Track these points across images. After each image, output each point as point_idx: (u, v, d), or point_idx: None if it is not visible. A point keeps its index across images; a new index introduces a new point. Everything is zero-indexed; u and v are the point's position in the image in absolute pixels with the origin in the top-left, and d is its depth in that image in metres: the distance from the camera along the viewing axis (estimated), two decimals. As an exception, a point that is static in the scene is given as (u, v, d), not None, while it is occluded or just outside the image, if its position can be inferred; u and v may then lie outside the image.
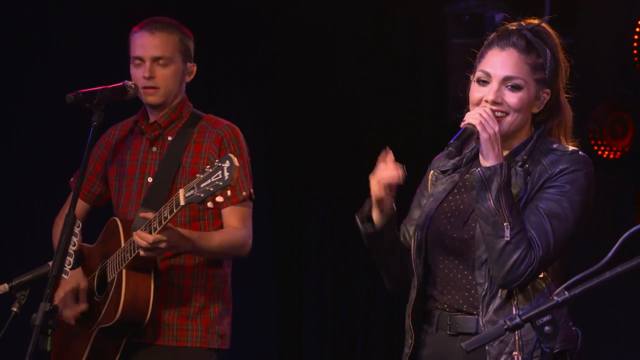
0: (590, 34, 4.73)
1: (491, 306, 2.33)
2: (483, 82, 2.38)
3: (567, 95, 2.47)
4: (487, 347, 2.28)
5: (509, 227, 2.25)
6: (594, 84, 4.83)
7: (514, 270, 2.25)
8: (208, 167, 2.81)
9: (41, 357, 2.79)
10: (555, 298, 1.91)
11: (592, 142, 4.66)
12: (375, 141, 4.88)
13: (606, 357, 4.51)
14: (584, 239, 2.45)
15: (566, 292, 1.91)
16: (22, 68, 4.81)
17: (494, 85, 2.35)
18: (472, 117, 2.32)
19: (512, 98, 2.35)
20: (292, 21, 5.19)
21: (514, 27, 2.40)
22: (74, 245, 2.87)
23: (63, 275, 2.84)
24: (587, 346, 2.40)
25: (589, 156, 2.42)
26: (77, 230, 2.89)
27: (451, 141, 2.31)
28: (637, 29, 4.51)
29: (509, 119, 2.36)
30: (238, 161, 3.05)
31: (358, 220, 2.45)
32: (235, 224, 3.11)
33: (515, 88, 2.35)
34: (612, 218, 4.41)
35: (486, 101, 2.36)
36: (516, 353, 2.24)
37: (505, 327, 1.94)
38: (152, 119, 3.25)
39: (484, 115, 2.31)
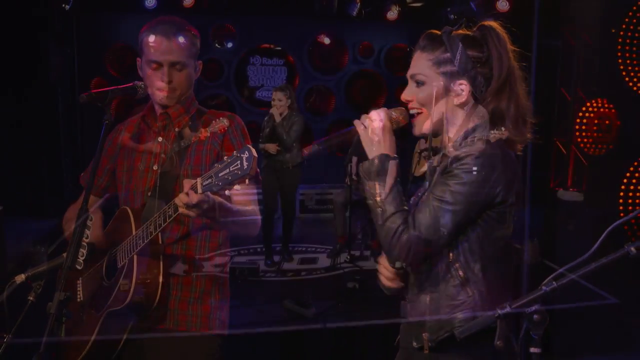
0: (576, 37, 4.82)
1: (413, 287, 2.50)
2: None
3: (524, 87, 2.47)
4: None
5: (381, 210, 2.37)
6: (581, 84, 4.95)
7: (392, 249, 2.35)
8: (226, 157, 2.77)
9: (56, 344, 2.85)
10: (544, 287, 2.01)
11: (579, 139, 4.76)
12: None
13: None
14: (572, 231, 2.53)
15: (554, 282, 2.01)
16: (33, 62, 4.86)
17: (409, 84, 2.53)
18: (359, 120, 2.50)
19: (417, 93, 2.49)
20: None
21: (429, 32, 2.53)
22: (86, 238, 2.93)
23: (76, 266, 2.90)
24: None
25: (579, 152, 2.50)
26: (89, 223, 2.99)
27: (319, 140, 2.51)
28: (622, 32, 4.55)
29: (423, 113, 2.49)
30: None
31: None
32: (244, 203, 3.14)
33: (419, 83, 2.48)
34: (598, 211, 4.52)
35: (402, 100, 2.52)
36: (425, 334, 2.40)
37: (497, 315, 2.05)
38: (159, 111, 3.30)
39: (371, 115, 2.47)
